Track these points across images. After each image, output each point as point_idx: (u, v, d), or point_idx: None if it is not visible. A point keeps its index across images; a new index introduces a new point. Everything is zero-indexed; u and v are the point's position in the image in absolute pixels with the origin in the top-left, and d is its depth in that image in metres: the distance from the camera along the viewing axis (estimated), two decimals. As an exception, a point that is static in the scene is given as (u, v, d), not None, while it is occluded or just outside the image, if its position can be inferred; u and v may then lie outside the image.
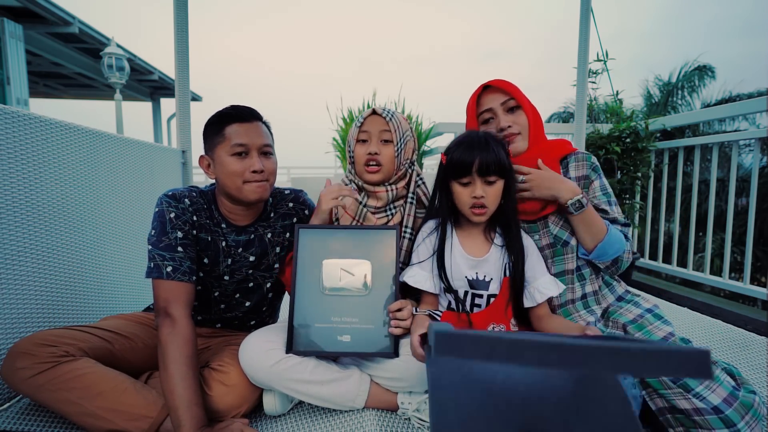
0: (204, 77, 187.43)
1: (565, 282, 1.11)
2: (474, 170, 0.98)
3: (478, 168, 0.98)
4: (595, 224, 1.05)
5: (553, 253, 1.12)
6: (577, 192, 1.05)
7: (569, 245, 1.11)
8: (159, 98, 9.16)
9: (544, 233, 1.13)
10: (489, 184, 0.99)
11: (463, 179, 1.00)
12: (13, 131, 1.12)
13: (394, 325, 0.99)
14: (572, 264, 1.11)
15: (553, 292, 1.03)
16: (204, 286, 1.15)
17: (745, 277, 2.12)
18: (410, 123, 1.63)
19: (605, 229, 1.06)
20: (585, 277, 1.13)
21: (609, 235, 1.05)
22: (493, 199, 1.01)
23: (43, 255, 1.20)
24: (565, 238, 1.11)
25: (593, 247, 1.06)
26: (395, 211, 1.17)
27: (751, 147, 2.34)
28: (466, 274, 1.05)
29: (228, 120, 1.07)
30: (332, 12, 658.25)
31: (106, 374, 0.94)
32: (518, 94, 1.12)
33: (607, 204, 1.13)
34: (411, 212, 1.15)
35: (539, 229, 1.14)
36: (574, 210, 1.04)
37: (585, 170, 1.15)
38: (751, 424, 0.82)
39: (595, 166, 1.15)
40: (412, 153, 1.17)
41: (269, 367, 0.98)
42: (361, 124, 1.13)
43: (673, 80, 9.16)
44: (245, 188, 1.06)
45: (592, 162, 1.16)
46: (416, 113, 3.94)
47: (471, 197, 0.99)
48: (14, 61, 4.65)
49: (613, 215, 1.12)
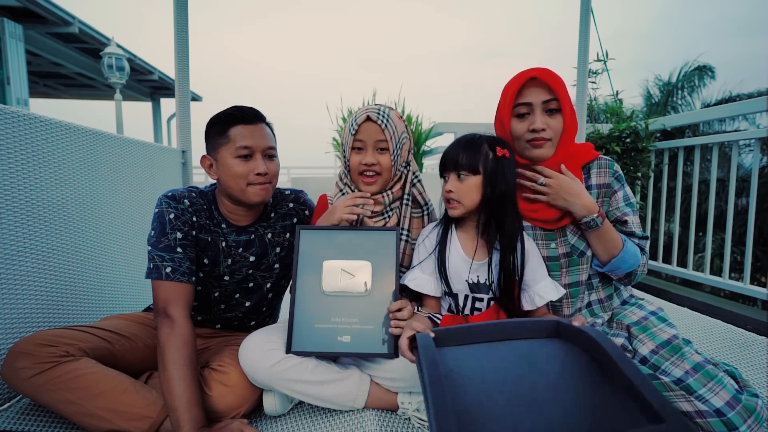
0: (204, 77, 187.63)
1: (577, 293, 1.09)
2: (446, 165, 1.03)
3: (449, 162, 1.03)
4: (609, 240, 1.03)
5: (569, 263, 1.09)
6: (593, 210, 1.01)
7: (585, 256, 1.08)
8: (159, 98, 9.16)
9: (561, 242, 1.09)
10: (459, 178, 1.02)
11: (443, 174, 1.06)
12: (13, 131, 1.12)
13: (394, 326, 0.98)
14: (586, 275, 1.09)
15: (552, 297, 1.02)
16: (204, 287, 1.15)
17: (745, 277, 2.12)
18: (411, 123, 1.60)
19: (621, 245, 1.03)
20: (594, 285, 1.12)
21: (624, 251, 1.03)
22: (465, 194, 1.01)
23: (43, 255, 1.20)
24: (582, 249, 1.08)
25: (607, 260, 1.05)
26: (392, 213, 1.16)
27: (751, 147, 2.34)
28: (465, 278, 1.04)
29: (232, 121, 1.06)
30: (332, 12, 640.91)
31: (106, 374, 0.94)
32: (563, 95, 1.04)
33: (630, 215, 1.09)
34: (407, 214, 1.15)
35: (556, 237, 1.10)
36: (585, 227, 1.02)
37: (607, 178, 1.11)
38: (753, 427, 0.82)
39: (618, 175, 1.11)
40: (408, 153, 1.16)
41: (269, 367, 0.98)
42: (356, 132, 1.09)
43: (673, 80, 9.16)
44: (249, 190, 1.07)
45: (615, 170, 1.11)
46: (416, 113, 3.93)
47: (445, 190, 1.04)
48: (14, 61, 4.65)
49: (631, 228, 1.08)
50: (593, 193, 1.09)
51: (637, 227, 1.09)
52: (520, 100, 1.05)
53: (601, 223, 1.01)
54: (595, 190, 1.09)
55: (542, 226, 1.10)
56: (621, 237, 1.05)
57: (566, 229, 1.09)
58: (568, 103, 1.05)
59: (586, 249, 1.08)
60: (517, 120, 1.07)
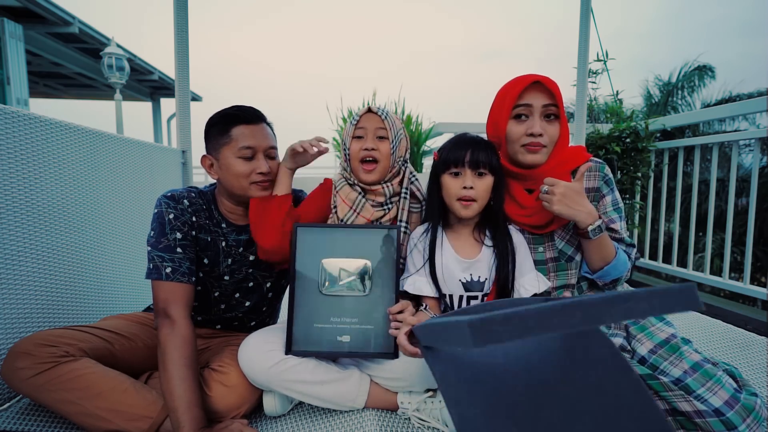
0: (204, 77, 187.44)
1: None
2: (465, 161, 1.00)
3: (469, 159, 1.00)
4: (606, 247, 1.02)
5: (556, 267, 1.10)
6: (596, 216, 0.98)
7: (574, 261, 1.08)
8: (159, 98, 9.15)
9: (548, 246, 1.10)
10: (479, 176, 1.01)
11: (454, 169, 1.02)
12: (13, 131, 1.12)
13: (394, 327, 0.99)
14: (574, 279, 1.09)
15: (537, 289, 1.03)
16: (204, 287, 1.15)
17: (745, 277, 2.12)
18: (411, 122, 1.59)
19: (614, 253, 1.02)
20: (583, 289, 1.12)
21: (617, 259, 1.02)
22: (482, 193, 1.02)
23: (43, 255, 1.20)
24: (570, 254, 1.08)
25: (600, 267, 1.04)
26: (392, 206, 1.18)
27: (751, 147, 2.34)
28: (459, 278, 1.05)
29: (234, 121, 1.07)
30: (332, 12, 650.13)
31: (106, 374, 0.94)
32: (561, 103, 1.05)
33: (617, 221, 1.08)
34: (405, 206, 1.16)
35: (544, 241, 1.10)
36: (592, 235, 0.98)
37: (596, 182, 1.10)
38: (752, 426, 0.82)
39: (608, 179, 1.10)
40: (405, 151, 1.18)
41: (269, 368, 0.98)
42: (357, 122, 1.13)
43: (673, 80, 9.15)
44: (251, 189, 1.08)
45: (605, 173, 1.10)
46: (416, 113, 3.92)
47: (461, 188, 1.01)
48: (14, 61, 4.65)
49: (620, 234, 1.08)
50: None
51: (625, 232, 1.09)
52: (520, 102, 1.05)
53: (604, 229, 1.00)
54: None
55: (531, 230, 1.10)
56: (614, 244, 1.04)
57: (554, 233, 1.09)
58: (563, 114, 1.06)
59: (574, 254, 1.08)
60: (514, 122, 1.06)
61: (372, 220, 1.13)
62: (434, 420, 0.99)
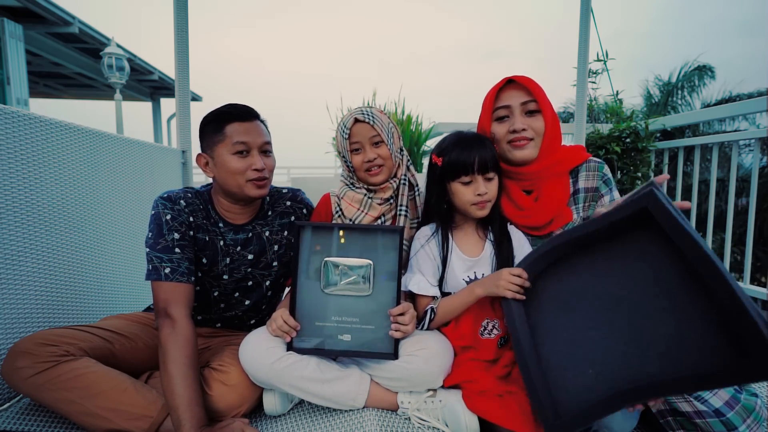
0: (204, 77, 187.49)
1: None
2: (475, 169, 1.01)
3: (478, 166, 1.01)
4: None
5: None
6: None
7: None
8: (159, 98, 9.15)
9: None
10: (489, 180, 1.03)
11: (465, 178, 1.02)
12: (13, 131, 1.12)
13: (395, 329, 0.99)
14: None
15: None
16: (203, 286, 1.15)
17: (745, 277, 2.12)
18: (411, 122, 1.59)
19: None
20: None
21: None
22: (494, 193, 1.05)
23: (44, 255, 1.20)
24: None
25: None
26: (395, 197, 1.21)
27: (751, 147, 2.34)
28: (462, 278, 1.05)
29: (228, 119, 1.07)
30: (332, 12, 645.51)
31: (106, 374, 0.94)
32: (541, 97, 1.07)
33: None
34: (405, 192, 1.19)
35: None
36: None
37: (595, 182, 1.10)
38: (752, 427, 0.82)
39: (607, 179, 1.11)
40: (399, 140, 1.21)
41: (270, 364, 0.98)
42: (349, 135, 1.13)
43: (673, 80, 9.16)
44: (247, 186, 1.08)
45: (604, 173, 1.11)
46: (416, 113, 3.92)
47: (475, 195, 1.02)
48: (14, 61, 4.65)
49: None
50: (580, 197, 1.10)
51: None
52: (499, 104, 1.09)
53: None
54: (583, 194, 1.10)
55: (529, 232, 1.11)
56: None
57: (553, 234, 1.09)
58: (549, 108, 1.07)
59: None
60: (497, 124, 1.10)
61: (379, 216, 1.16)
62: (434, 420, 0.99)
